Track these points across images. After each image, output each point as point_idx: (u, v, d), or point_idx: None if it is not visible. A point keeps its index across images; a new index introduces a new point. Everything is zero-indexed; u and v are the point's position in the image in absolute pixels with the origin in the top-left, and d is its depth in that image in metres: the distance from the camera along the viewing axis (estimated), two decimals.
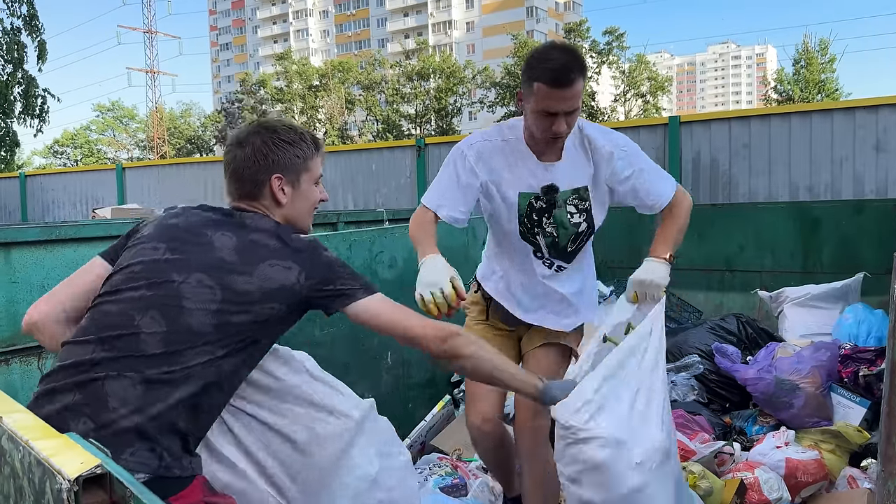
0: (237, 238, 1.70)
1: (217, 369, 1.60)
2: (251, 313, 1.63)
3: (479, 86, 41.64)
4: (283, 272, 1.67)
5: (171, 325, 1.58)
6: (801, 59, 32.16)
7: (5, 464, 1.09)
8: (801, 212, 4.71)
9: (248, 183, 1.79)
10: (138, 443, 1.50)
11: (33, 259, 3.52)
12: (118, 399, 1.51)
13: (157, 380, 1.54)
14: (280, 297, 1.66)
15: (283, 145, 1.80)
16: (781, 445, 3.10)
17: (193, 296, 1.60)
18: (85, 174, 11.19)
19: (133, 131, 56.96)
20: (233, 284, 1.62)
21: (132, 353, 1.55)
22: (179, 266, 1.64)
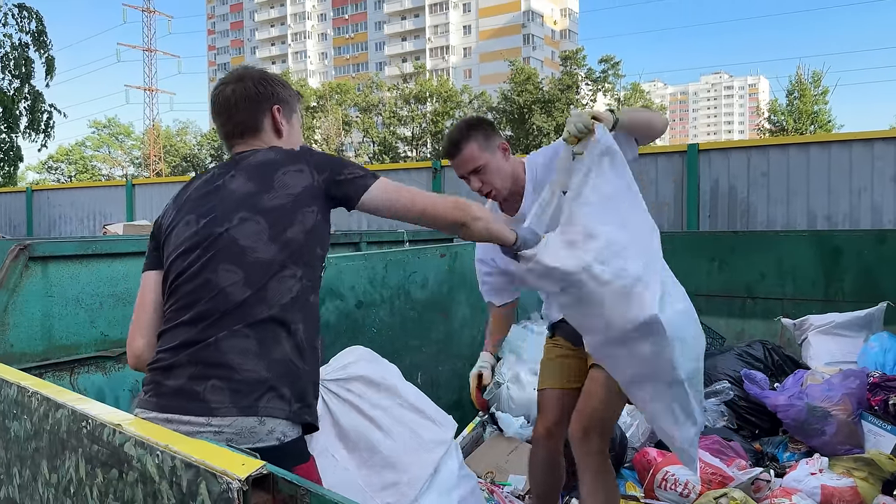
0: (245, 173, 1.72)
1: (304, 299, 1.64)
2: (298, 224, 1.65)
3: (475, 110, 41.92)
4: (297, 175, 1.69)
5: (244, 267, 1.61)
6: (794, 91, 32.48)
7: (131, 469, 1.11)
8: (822, 240, 4.77)
9: (250, 115, 1.81)
10: (269, 391, 1.56)
11: (69, 273, 3.52)
12: (237, 353, 1.56)
13: (261, 322, 1.58)
14: (308, 198, 1.68)
15: (278, 83, 1.87)
16: (816, 472, 3.12)
17: (244, 234, 1.63)
18: (93, 190, 11.17)
19: (128, 148, 56.95)
20: (266, 206, 1.65)
21: (226, 309, 1.59)
22: (216, 221, 1.67)
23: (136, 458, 1.09)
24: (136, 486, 1.10)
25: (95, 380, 3.47)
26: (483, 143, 2.42)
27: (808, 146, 6.00)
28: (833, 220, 5.88)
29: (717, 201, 6.28)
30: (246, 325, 1.58)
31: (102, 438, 1.16)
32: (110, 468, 1.15)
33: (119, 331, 3.73)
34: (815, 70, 32.91)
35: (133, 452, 1.10)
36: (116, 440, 1.13)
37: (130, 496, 1.12)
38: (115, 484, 1.14)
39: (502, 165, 2.46)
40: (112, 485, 1.15)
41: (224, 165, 1.80)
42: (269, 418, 1.56)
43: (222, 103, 1.82)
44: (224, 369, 1.56)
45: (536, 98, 36.74)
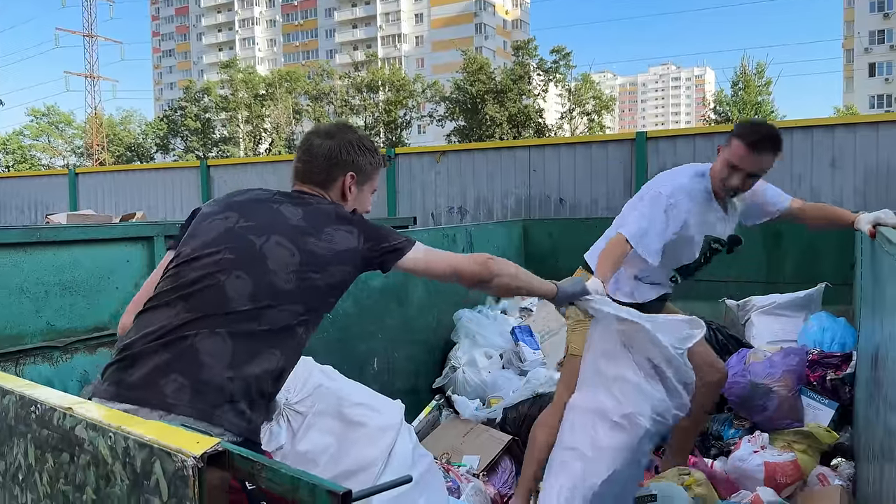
0: (302, 209, 1.80)
1: (295, 333, 1.68)
2: (326, 274, 1.72)
3: (428, 100, 41.82)
4: (346, 236, 1.78)
5: (257, 283, 1.64)
6: (739, 82, 33.26)
7: (83, 453, 1.10)
8: (764, 226, 4.89)
9: (325, 171, 1.91)
10: (228, 403, 1.55)
11: (11, 262, 3.43)
12: (210, 354, 1.56)
13: (246, 336, 1.59)
14: (347, 259, 1.76)
15: (365, 151, 1.97)
16: (758, 450, 3.24)
17: (274, 257, 1.68)
18: (34, 179, 10.83)
19: (69, 137, 55.14)
20: (308, 246, 1.72)
21: (219, 310, 1.60)
22: (255, 230, 1.73)
23: (88, 440, 1.08)
24: (89, 468, 1.09)
25: (42, 370, 3.38)
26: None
27: None
28: None
29: None
30: (229, 332, 1.59)
31: (53, 423, 1.15)
32: (61, 452, 1.14)
33: (66, 320, 3.64)
34: (760, 61, 33.84)
35: (84, 435, 1.09)
36: (67, 424, 1.12)
37: (83, 479, 1.10)
38: (66, 468, 1.13)
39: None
40: (63, 469, 1.14)
41: (285, 194, 1.88)
42: (222, 428, 1.54)
43: (306, 149, 1.95)
44: (191, 365, 1.54)
45: (489, 88, 36.79)
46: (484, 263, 1.95)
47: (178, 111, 46.53)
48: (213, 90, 46.09)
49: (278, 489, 0.98)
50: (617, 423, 2.27)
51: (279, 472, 0.99)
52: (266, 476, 0.99)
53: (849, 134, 5.75)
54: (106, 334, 3.74)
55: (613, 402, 2.29)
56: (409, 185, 7.36)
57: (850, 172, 5.78)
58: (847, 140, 5.76)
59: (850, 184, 5.79)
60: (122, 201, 9.61)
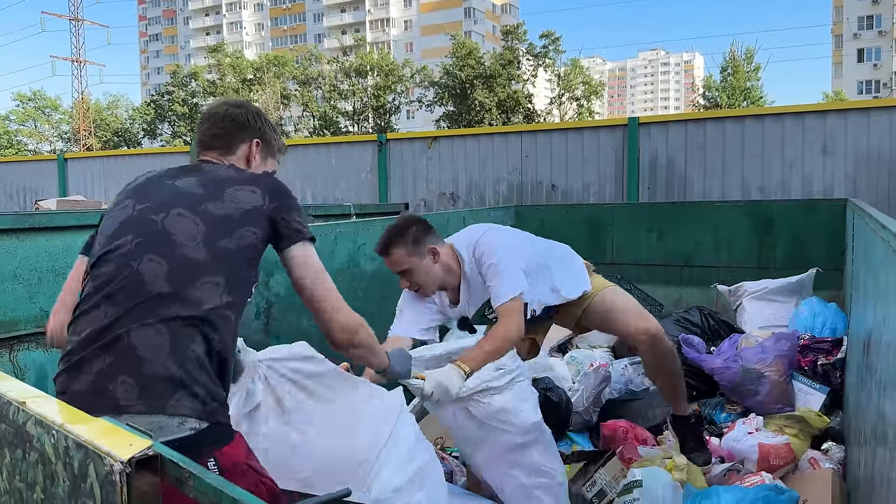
0: (196, 177, 1.76)
1: (223, 305, 1.61)
2: (234, 236, 1.65)
3: (417, 85, 41.59)
4: (249, 195, 1.71)
5: (171, 261, 1.59)
6: (728, 67, 33.29)
7: (32, 449, 1.06)
8: (755, 210, 4.96)
9: (229, 136, 1.88)
10: (180, 389, 1.52)
11: (5, 248, 3.40)
12: (148, 348, 1.52)
13: (177, 319, 1.55)
14: (254, 219, 1.69)
15: (272, 127, 1.97)
16: (753, 431, 3.28)
17: (178, 230, 1.62)
18: (22, 164, 10.72)
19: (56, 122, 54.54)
20: (208, 212, 1.66)
21: (142, 298, 1.56)
22: (153, 209, 1.67)
23: (37, 437, 1.04)
24: (37, 466, 1.05)
25: (36, 357, 3.37)
26: (411, 249, 2.62)
27: (743, 119, 6.20)
28: (766, 191, 6.11)
29: (655, 173, 6.44)
30: (159, 319, 1.54)
31: (9, 417, 1.11)
32: (15, 448, 1.10)
33: None
34: (749, 47, 33.84)
35: (34, 432, 1.05)
36: (20, 419, 1.08)
37: (33, 478, 1.06)
38: (20, 465, 1.09)
39: (430, 268, 2.66)
40: (18, 465, 1.10)
41: (182, 168, 1.82)
42: (179, 415, 1.52)
43: (210, 114, 1.91)
44: (133, 364, 1.51)
45: (478, 73, 36.63)
46: (353, 332, 1.82)
47: (166, 96, 46.11)
48: (201, 75, 45.67)
49: (203, 500, 0.94)
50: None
51: (204, 481, 0.94)
52: (193, 485, 0.94)
53: (840, 120, 5.78)
54: None
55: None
56: (400, 171, 7.34)
57: (841, 159, 5.81)
58: (838, 126, 5.79)
59: (842, 170, 5.82)
60: (112, 186, 9.52)
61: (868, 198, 5.58)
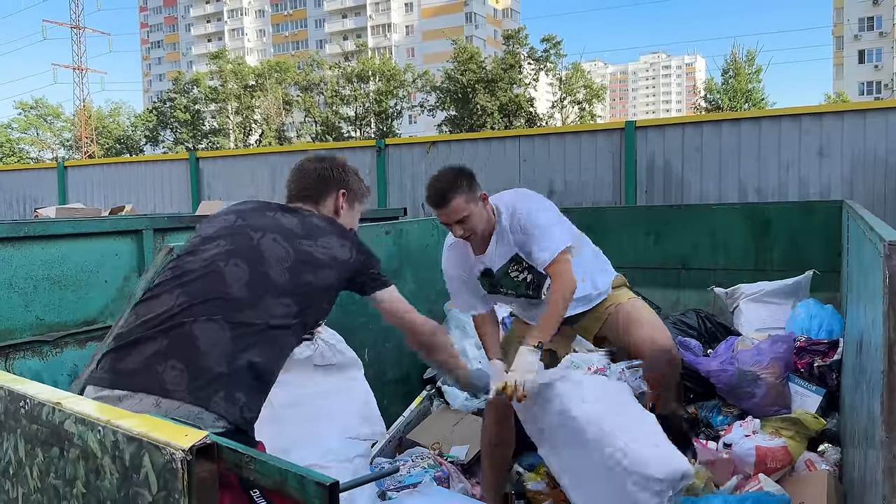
0: (298, 219, 1.90)
1: (287, 333, 1.73)
2: (318, 276, 1.79)
3: (419, 89, 41.65)
4: (340, 247, 1.88)
5: (254, 273, 1.71)
6: (729, 70, 33.27)
7: (72, 447, 1.11)
8: (752, 212, 4.94)
9: (319, 188, 2.04)
10: (225, 390, 1.57)
11: (0, 257, 3.42)
12: (208, 342, 1.59)
13: (243, 324, 1.63)
14: (338, 267, 1.85)
15: (354, 173, 2.15)
16: (750, 434, 3.27)
17: (270, 251, 1.77)
18: (22, 173, 10.75)
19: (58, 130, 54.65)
20: (301, 247, 1.81)
21: (218, 295, 1.65)
22: (253, 227, 1.82)
23: (77, 434, 1.09)
24: (78, 462, 1.10)
25: (32, 365, 3.38)
26: (468, 195, 2.65)
27: (740, 122, 6.20)
28: (763, 193, 6.10)
29: (653, 177, 6.45)
30: (226, 319, 1.63)
31: (42, 417, 1.16)
32: (51, 447, 1.15)
33: (56, 315, 3.63)
34: (750, 49, 33.80)
35: (73, 429, 1.10)
36: (56, 418, 1.13)
37: (73, 473, 1.11)
38: (55, 462, 1.14)
39: (483, 213, 2.73)
40: (53, 463, 1.15)
41: (281, 205, 1.98)
42: (217, 414, 1.56)
43: (298, 171, 2.08)
44: (188, 352, 1.57)
45: (480, 77, 36.70)
46: (435, 338, 2.19)
47: (168, 103, 46.23)
48: (203, 81, 45.79)
49: (267, 481, 1.00)
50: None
51: (267, 463, 1.00)
52: (254, 468, 1.01)
53: (836, 122, 5.77)
54: (95, 328, 3.72)
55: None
56: (399, 175, 7.34)
57: (837, 161, 5.80)
58: (835, 128, 5.78)
59: (838, 172, 5.81)
60: (112, 194, 9.55)
61: (864, 200, 5.57)
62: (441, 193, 2.65)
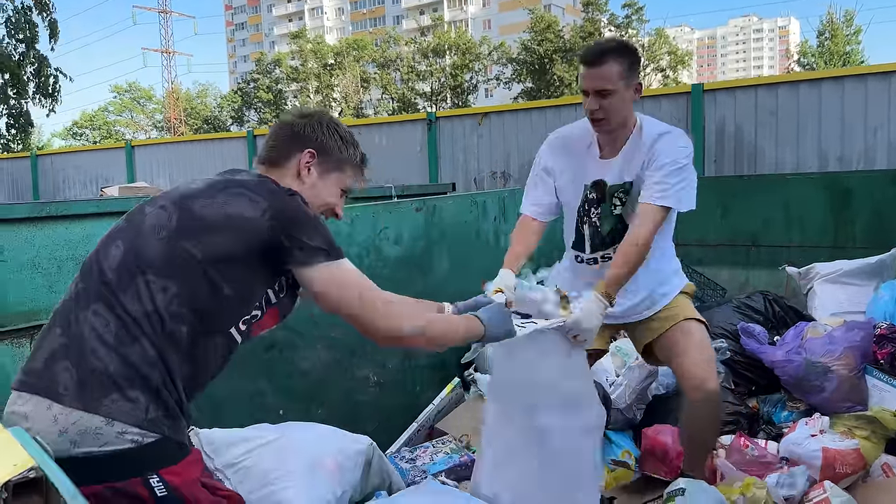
0: (220, 176, 1.63)
1: (179, 319, 1.45)
2: (200, 242, 1.47)
3: (495, 62, 41.18)
4: (247, 203, 1.52)
5: (126, 250, 1.49)
6: (825, 31, 31.75)
7: None
8: (832, 183, 4.51)
9: (282, 146, 1.71)
10: (117, 392, 1.39)
11: (23, 237, 3.39)
12: (96, 338, 1.42)
13: (124, 314, 1.43)
14: (235, 227, 1.49)
15: (337, 135, 1.74)
16: (816, 434, 2.91)
17: (151, 221, 1.51)
18: (95, 153, 11.15)
19: (150, 112, 57.10)
20: (190, 207, 1.51)
21: (96, 280, 1.47)
22: (153, 201, 1.59)
23: None
24: None
25: None
26: (626, 70, 2.33)
27: (820, 82, 5.65)
28: (846, 161, 5.56)
29: (722, 144, 6.00)
30: (107, 307, 1.43)
31: None
32: None
33: None
34: (848, 9, 32.16)
35: None
36: None
37: None
38: None
39: (628, 101, 2.39)
40: None
41: (229, 171, 1.71)
42: (118, 421, 1.37)
43: (272, 127, 1.80)
44: (79, 352, 1.41)
45: (557, 47, 35.91)
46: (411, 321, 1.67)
47: (251, 83, 47.39)
48: (284, 61, 46.67)
49: None
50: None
51: None
52: None
53: None
54: None
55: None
56: (450, 149, 7.09)
57: None
58: None
59: None
60: (176, 172, 9.75)
61: None
62: (600, 50, 2.32)
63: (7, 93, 17.88)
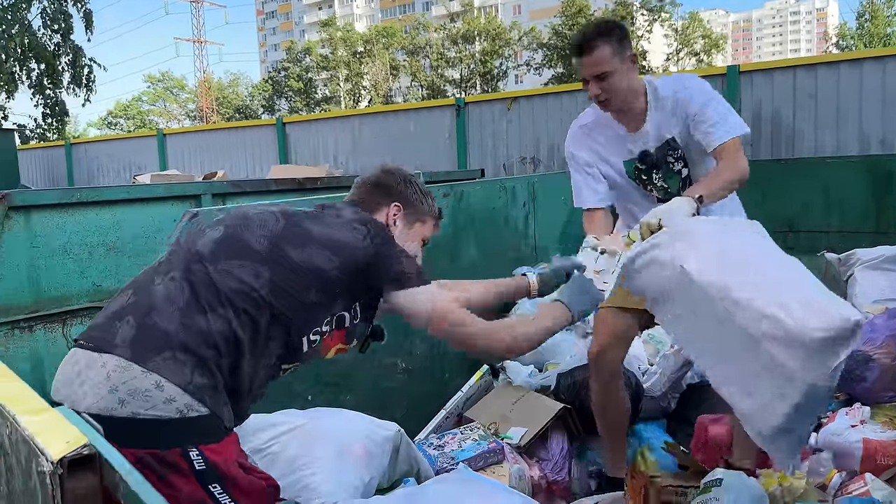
0: (318, 207, 1.75)
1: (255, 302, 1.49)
2: (304, 251, 1.55)
3: (525, 47, 40.83)
4: (351, 230, 1.62)
5: (227, 234, 1.57)
6: (865, 13, 31.02)
7: None
8: (874, 166, 4.36)
9: (374, 197, 1.80)
10: (169, 351, 1.42)
11: (54, 223, 3.43)
12: (165, 299, 1.47)
13: (203, 284, 1.48)
14: (335, 249, 1.58)
15: (419, 190, 1.87)
16: (857, 424, 2.82)
17: (258, 219, 1.60)
18: (128, 141, 11.28)
19: (183, 101, 57.75)
20: (297, 220, 1.61)
21: (184, 251, 1.55)
22: (256, 206, 1.71)
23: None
24: (1, 458, 1.01)
25: None
26: (616, 47, 2.34)
27: (861, 62, 5.45)
28: (889, 144, 5.38)
29: (759, 127, 5.83)
30: (186, 277, 1.50)
31: None
32: None
33: (112, 281, 3.61)
34: None
35: None
36: None
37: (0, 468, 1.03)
38: None
39: (629, 75, 2.39)
40: None
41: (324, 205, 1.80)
42: (167, 383, 1.39)
43: (358, 180, 1.88)
44: (144, 309, 1.46)
45: None
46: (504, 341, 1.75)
47: (282, 72, 47.62)
48: (314, 50, 46.80)
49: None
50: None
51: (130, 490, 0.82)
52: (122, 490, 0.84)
53: None
54: None
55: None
56: (479, 135, 7.01)
57: None
58: None
59: None
60: (208, 160, 9.81)
61: None
62: (586, 38, 2.34)
63: (43, 83, 18.20)
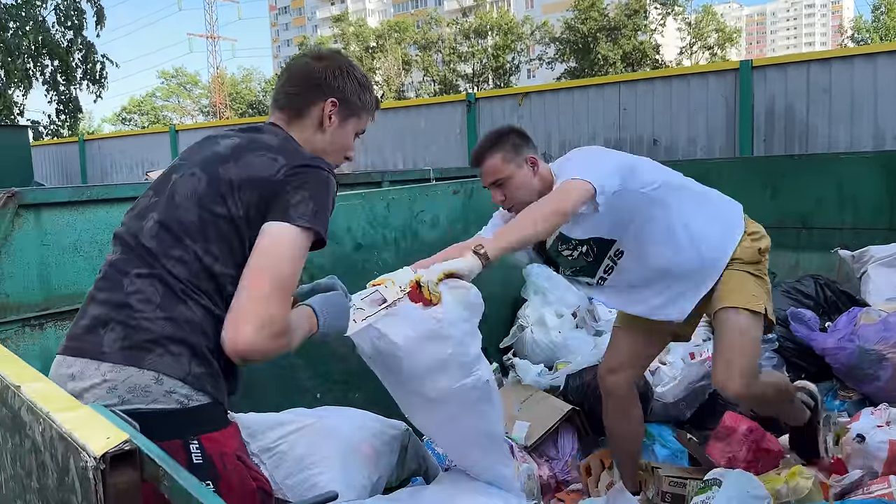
0: (240, 137, 1.62)
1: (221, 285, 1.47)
2: (229, 204, 1.49)
3: (537, 42, 40.63)
4: (267, 162, 1.53)
5: (164, 217, 1.50)
6: (881, 6, 30.67)
7: (26, 437, 1.02)
8: (889, 162, 4.29)
9: (303, 96, 1.69)
10: (161, 347, 1.41)
11: (64, 221, 3.42)
12: (140, 299, 1.44)
13: (165, 277, 1.45)
14: (257, 187, 1.50)
15: (356, 81, 1.73)
16: (883, 424, 2.76)
17: (182, 188, 1.53)
18: (140, 137, 11.31)
19: (196, 97, 57.99)
20: (215, 171, 1.53)
21: (136, 248, 1.50)
22: (179, 166, 1.60)
23: (28, 424, 1.01)
24: (31, 455, 1.02)
25: None
26: (509, 155, 2.37)
27: (875, 57, 5.37)
28: None
29: (773, 122, 5.76)
30: (151, 272, 1.46)
31: (7, 401, 1.08)
32: (15, 433, 1.07)
33: None
34: None
35: (26, 418, 1.02)
36: (15, 404, 1.06)
37: (29, 466, 1.03)
38: (20, 451, 1.07)
39: (528, 180, 2.39)
40: (18, 452, 1.07)
41: (243, 127, 1.70)
42: (166, 377, 1.39)
43: (286, 70, 1.77)
44: (121, 313, 1.43)
45: (602, 26, 35.24)
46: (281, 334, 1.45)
47: None
48: (327, 45, 46.82)
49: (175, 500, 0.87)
50: None
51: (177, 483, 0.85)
52: (166, 483, 0.87)
53: None
54: None
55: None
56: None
57: None
58: None
59: None
60: None
61: None
62: (479, 150, 2.42)
63: (57, 79, 18.31)
